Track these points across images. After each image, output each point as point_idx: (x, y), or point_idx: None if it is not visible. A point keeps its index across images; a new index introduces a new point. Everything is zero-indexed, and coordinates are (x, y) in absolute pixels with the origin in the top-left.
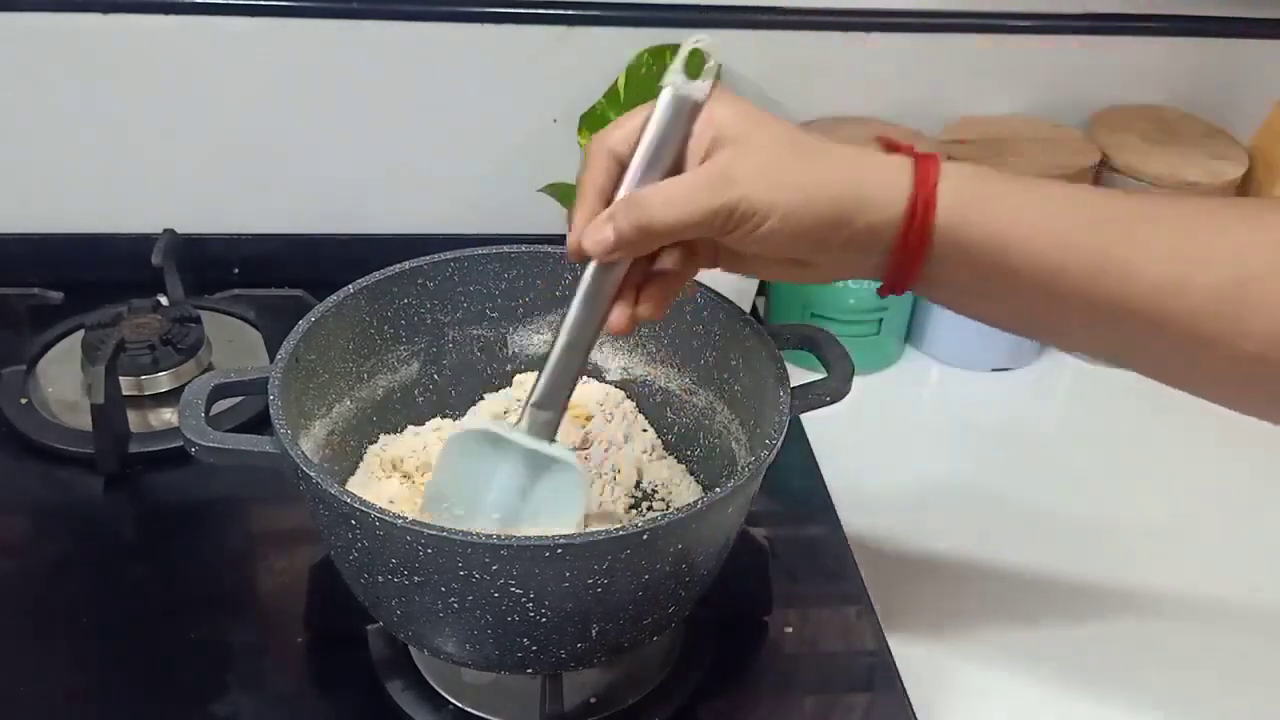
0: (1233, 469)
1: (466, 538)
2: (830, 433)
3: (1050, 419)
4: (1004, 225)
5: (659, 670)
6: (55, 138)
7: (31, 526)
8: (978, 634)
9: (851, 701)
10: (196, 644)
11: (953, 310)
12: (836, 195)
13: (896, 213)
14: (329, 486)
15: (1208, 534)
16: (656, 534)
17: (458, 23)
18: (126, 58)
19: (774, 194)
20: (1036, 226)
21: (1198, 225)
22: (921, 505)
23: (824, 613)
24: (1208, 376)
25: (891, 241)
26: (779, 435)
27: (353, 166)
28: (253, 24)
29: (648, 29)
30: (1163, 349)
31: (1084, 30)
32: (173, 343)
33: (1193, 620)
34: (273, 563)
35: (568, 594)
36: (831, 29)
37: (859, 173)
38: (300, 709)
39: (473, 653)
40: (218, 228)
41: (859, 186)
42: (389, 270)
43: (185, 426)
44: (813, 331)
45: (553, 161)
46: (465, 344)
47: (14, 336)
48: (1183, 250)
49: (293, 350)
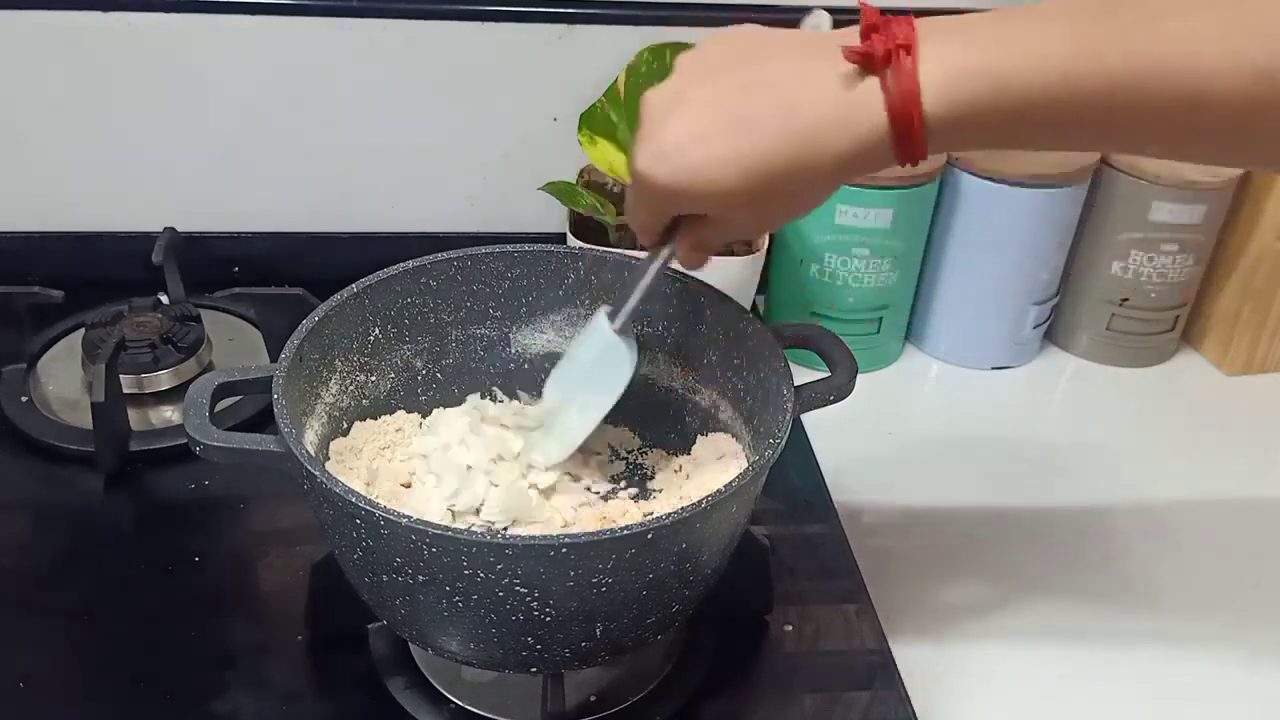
0: (1233, 467)
1: (471, 537)
2: (830, 431)
3: (1050, 417)
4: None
5: (659, 669)
6: (56, 135)
7: (31, 524)
8: (978, 633)
9: (852, 700)
10: (196, 643)
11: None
12: (778, 149)
13: (871, 128)
14: (333, 485)
15: (1208, 533)
16: (661, 533)
17: (459, 21)
18: (127, 55)
19: (702, 174)
20: (1035, 75)
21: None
22: (922, 503)
23: (824, 611)
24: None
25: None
26: (783, 434)
27: (354, 165)
28: (253, 22)
29: (648, 27)
30: (1199, 150)
31: None
32: (173, 341)
33: (1193, 619)
34: (273, 561)
35: (572, 593)
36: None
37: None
38: (301, 708)
39: (476, 652)
40: (218, 226)
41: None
42: (392, 269)
43: (189, 425)
44: (815, 330)
45: (553, 160)
46: (468, 343)
47: (14, 335)
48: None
49: (297, 349)
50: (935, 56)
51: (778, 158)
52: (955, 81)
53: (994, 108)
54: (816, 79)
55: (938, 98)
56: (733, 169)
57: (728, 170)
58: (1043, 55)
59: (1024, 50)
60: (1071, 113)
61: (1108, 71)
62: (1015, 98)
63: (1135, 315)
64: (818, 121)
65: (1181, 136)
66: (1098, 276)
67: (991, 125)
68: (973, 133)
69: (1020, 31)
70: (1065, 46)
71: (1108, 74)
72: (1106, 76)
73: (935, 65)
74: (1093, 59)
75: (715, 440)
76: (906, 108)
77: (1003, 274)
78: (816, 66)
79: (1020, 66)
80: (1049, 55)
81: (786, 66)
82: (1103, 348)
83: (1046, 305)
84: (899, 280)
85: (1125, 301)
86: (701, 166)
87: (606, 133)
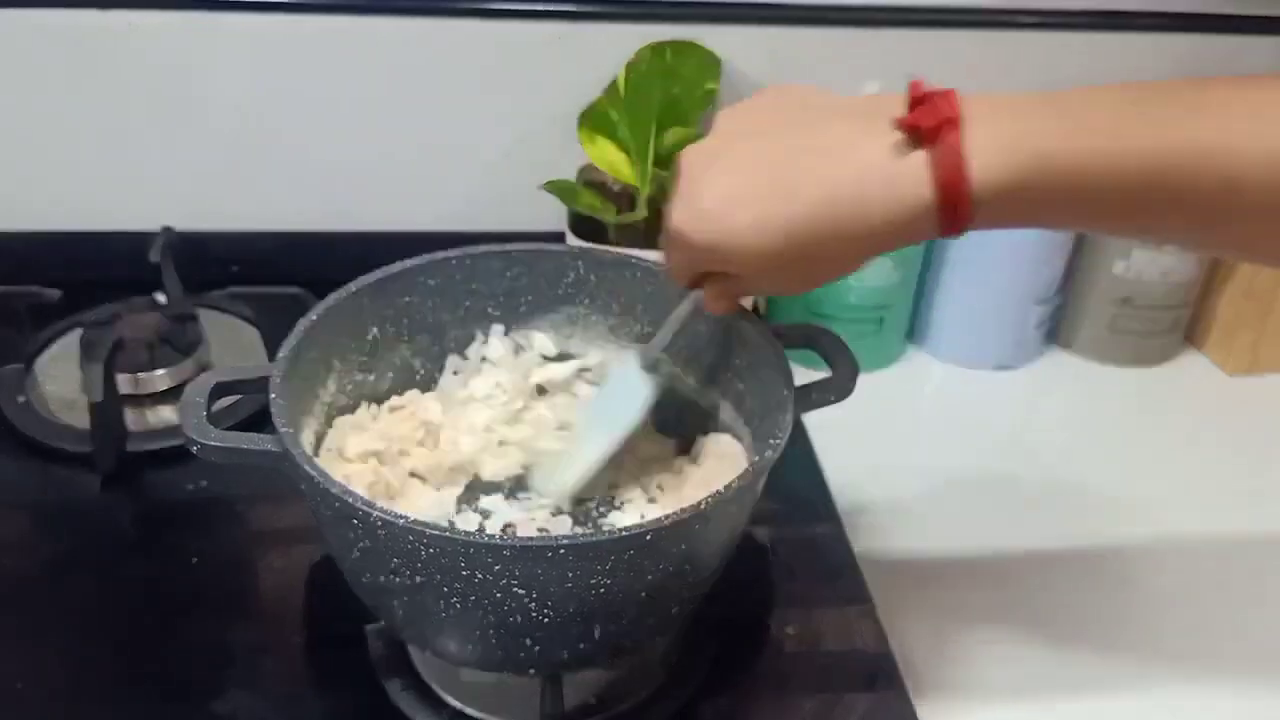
0: (1234, 466)
1: (469, 538)
2: (831, 432)
3: (1052, 417)
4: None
5: (659, 671)
6: (52, 134)
7: (29, 524)
8: (980, 634)
9: (853, 702)
10: (194, 643)
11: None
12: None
13: (917, 199)
14: (331, 485)
15: (1210, 533)
16: (660, 534)
17: (458, 19)
18: (125, 54)
19: (739, 238)
20: (1078, 158)
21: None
22: (923, 504)
23: (825, 613)
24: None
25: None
26: (784, 434)
27: (353, 163)
28: (252, 20)
29: (649, 25)
30: (1237, 237)
31: (1084, 27)
32: (171, 341)
33: (1196, 619)
34: (271, 562)
35: (571, 594)
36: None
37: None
38: (299, 709)
39: (474, 653)
40: (216, 225)
41: (858, 190)
42: (390, 268)
43: (187, 425)
44: (816, 330)
45: (554, 159)
46: (467, 342)
47: (12, 334)
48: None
49: (294, 348)
50: (982, 132)
51: (818, 226)
52: (1002, 158)
53: (1038, 185)
54: (862, 148)
55: (984, 172)
56: (770, 235)
57: (765, 236)
58: (1088, 133)
59: (1069, 129)
60: (1113, 191)
61: (1144, 156)
62: (1058, 175)
63: (1138, 315)
64: (862, 191)
65: (1216, 221)
66: (1100, 276)
67: (1034, 201)
68: (1015, 208)
69: (1065, 110)
70: (1107, 127)
71: (1144, 157)
72: (1143, 161)
73: (983, 140)
74: (1133, 140)
75: (716, 441)
76: (954, 180)
77: (1005, 273)
78: (862, 136)
79: (1064, 147)
80: (1093, 134)
81: (831, 133)
82: (1105, 347)
83: (1049, 305)
84: (900, 280)
85: (1128, 301)
86: (739, 230)
87: (606, 131)
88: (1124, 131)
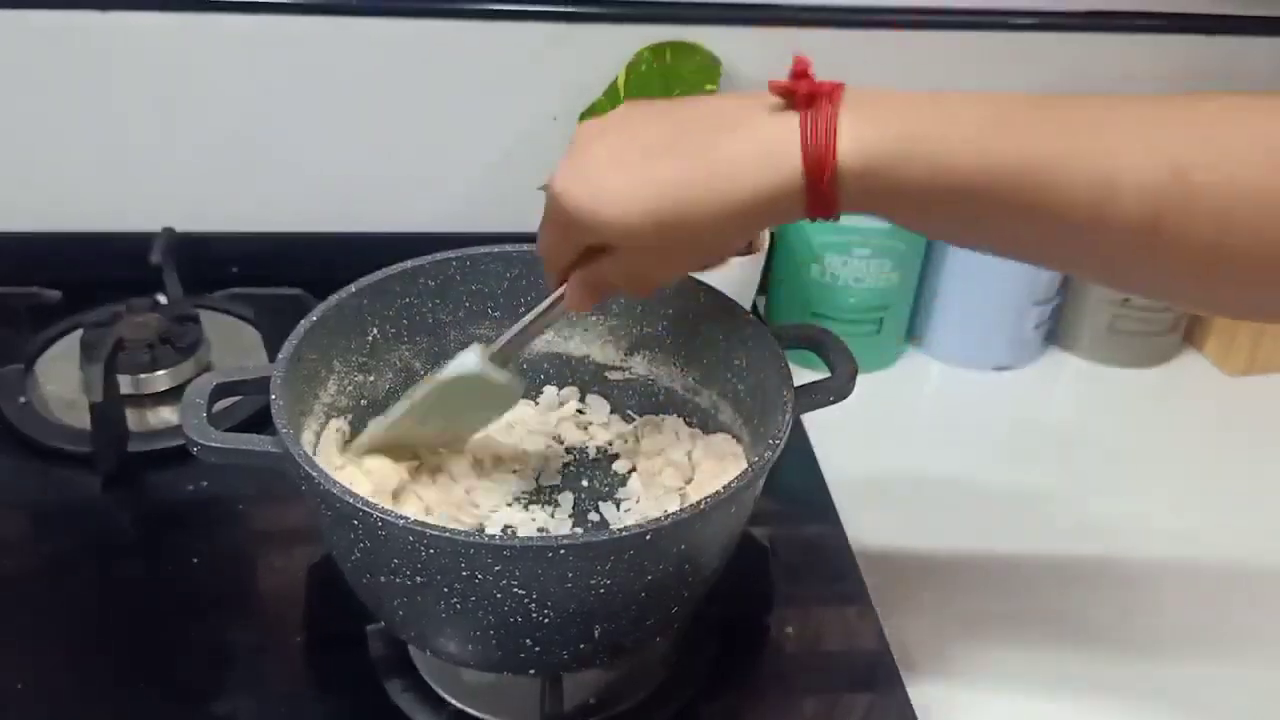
0: (1234, 466)
1: (469, 538)
2: (831, 432)
3: (1051, 418)
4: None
5: (659, 671)
6: (53, 135)
7: (30, 525)
8: (979, 634)
9: (852, 702)
10: (195, 644)
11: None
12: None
13: (790, 170)
14: (331, 486)
15: (1210, 533)
16: (660, 534)
17: (458, 20)
18: (125, 55)
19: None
20: (949, 144)
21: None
22: (922, 505)
23: (825, 613)
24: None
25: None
26: (783, 435)
27: (352, 164)
28: (252, 21)
29: (648, 25)
30: (1107, 250)
31: (1083, 27)
32: (171, 341)
33: (1195, 619)
34: (271, 562)
35: (570, 594)
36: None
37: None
38: (299, 709)
39: (475, 653)
40: (217, 226)
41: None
42: (390, 269)
43: (187, 426)
44: (816, 331)
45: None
46: (467, 343)
47: (12, 335)
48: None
49: (294, 349)
50: (856, 108)
51: (690, 189)
52: (873, 132)
53: (904, 169)
54: (743, 120)
55: (853, 142)
56: (642, 198)
57: (636, 200)
58: (959, 124)
59: (942, 119)
60: (984, 189)
61: (1020, 149)
62: (927, 161)
63: (1137, 315)
64: (735, 156)
65: (1089, 231)
66: None
67: (903, 190)
68: (881, 190)
69: (941, 104)
70: (983, 121)
71: (1020, 151)
72: (1019, 154)
73: (855, 114)
74: (1008, 137)
75: (715, 441)
76: (822, 150)
77: (1004, 274)
78: (745, 111)
79: (935, 133)
80: (965, 124)
81: (717, 106)
82: (1104, 348)
83: (1048, 305)
84: (900, 281)
85: (1127, 301)
86: (611, 189)
87: None
88: (1001, 122)
